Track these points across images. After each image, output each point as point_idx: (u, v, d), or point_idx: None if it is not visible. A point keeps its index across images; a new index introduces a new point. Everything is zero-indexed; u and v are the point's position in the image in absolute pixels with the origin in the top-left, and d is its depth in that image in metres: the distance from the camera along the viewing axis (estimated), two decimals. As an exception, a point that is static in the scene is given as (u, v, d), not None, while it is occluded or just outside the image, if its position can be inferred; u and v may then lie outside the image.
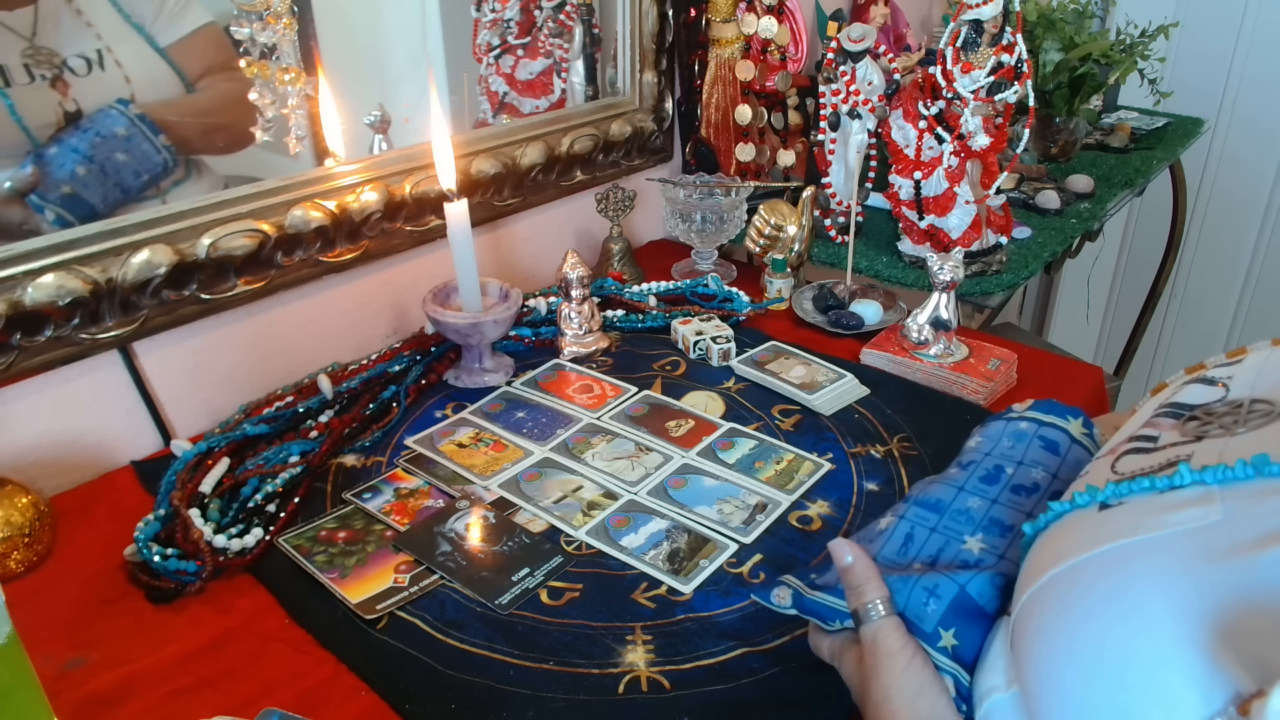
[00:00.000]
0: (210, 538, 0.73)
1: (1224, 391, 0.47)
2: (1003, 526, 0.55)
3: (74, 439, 0.86)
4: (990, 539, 0.54)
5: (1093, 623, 0.39)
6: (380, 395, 0.96)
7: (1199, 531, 0.38)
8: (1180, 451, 0.43)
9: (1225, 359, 0.51)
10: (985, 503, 0.56)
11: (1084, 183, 1.57)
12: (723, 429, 0.91)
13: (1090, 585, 0.40)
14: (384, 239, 1.04)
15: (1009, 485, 0.57)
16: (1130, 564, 0.39)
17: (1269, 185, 2.37)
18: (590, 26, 1.25)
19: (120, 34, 0.81)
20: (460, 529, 0.78)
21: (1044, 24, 1.65)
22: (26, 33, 0.75)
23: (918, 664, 0.51)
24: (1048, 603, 0.42)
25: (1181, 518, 0.39)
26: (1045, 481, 0.57)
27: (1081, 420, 0.60)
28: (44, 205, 0.78)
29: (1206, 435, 0.44)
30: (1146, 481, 0.41)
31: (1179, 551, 0.38)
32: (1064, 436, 0.59)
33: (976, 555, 0.53)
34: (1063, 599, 0.42)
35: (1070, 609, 0.41)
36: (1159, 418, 0.48)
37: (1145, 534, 0.39)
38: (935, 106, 1.16)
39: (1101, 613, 0.39)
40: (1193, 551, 0.37)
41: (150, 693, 0.63)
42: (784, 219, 1.19)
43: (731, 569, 0.73)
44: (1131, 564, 0.39)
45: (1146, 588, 0.38)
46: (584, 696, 0.62)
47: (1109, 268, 2.68)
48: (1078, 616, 0.40)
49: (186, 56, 0.85)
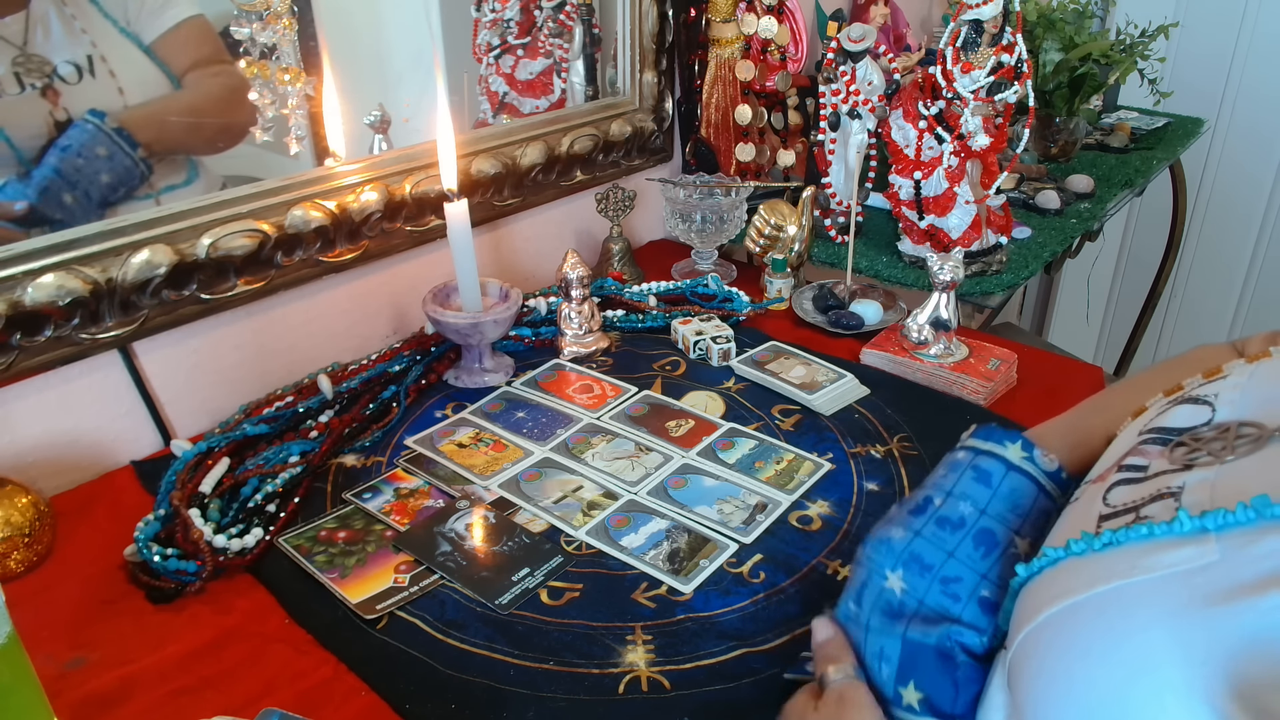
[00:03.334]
0: (210, 538, 0.73)
1: (1211, 413, 0.47)
2: (921, 564, 0.53)
3: (74, 439, 0.86)
4: (910, 577, 0.53)
5: (1092, 665, 0.39)
6: (380, 395, 0.96)
7: (1196, 573, 0.38)
8: (1170, 482, 0.43)
9: (1202, 378, 0.51)
10: (908, 535, 0.54)
11: (1084, 183, 1.57)
12: (723, 429, 0.91)
13: (1088, 626, 0.40)
14: (384, 239, 1.04)
15: (934, 518, 0.55)
16: (1128, 606, 0.39)
17: (1269, 185, 2.37)
18: (590, 26, 1.25)
19: (109, 37, 0.79)
20: (460, 529, 0.78)
21: (1044, 24, 1.65)
22: (18, 40, 0.74)
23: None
24: (1046, 643, 0.42)
25: (1177, 558, 0.38)
26: (971, 516, 0.54)
27: (1020, 444, 0.56)
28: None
29: (1195, 463, 0.44)
30: (1144, 529, 0.40)
31: (1177, 594, 0.38)
32: (999, 465, 0.56)
33: (899, 596, 0.53)
34: (1061, 640, 0.41)
35: (1069, 650, 0.41)
36: (1146, 444, 0.48)
37: (1141, 575, 0.39)
38: (935, 106, 1.16)
39: (1100, 656, 0.39)
40: (1190, 594, 0.37)
41: (150, 693, 0.63)
42: (784, 219, 1.19)
43: (731, 569, 0.73)
44: (1129, 606, 0.39)
45: (1145, 632, 0.37)
46: (584, 696, 0.62)
47: (1109, 268, 2.68)
48: (1076, 658, 0.40)
49: (171, 51, 0.83)
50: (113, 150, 0.80)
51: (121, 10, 0.80)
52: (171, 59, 0.83)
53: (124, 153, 0.81)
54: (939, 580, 0.52)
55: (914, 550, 0.54)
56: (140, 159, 0.82)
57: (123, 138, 0.81)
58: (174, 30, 0.83)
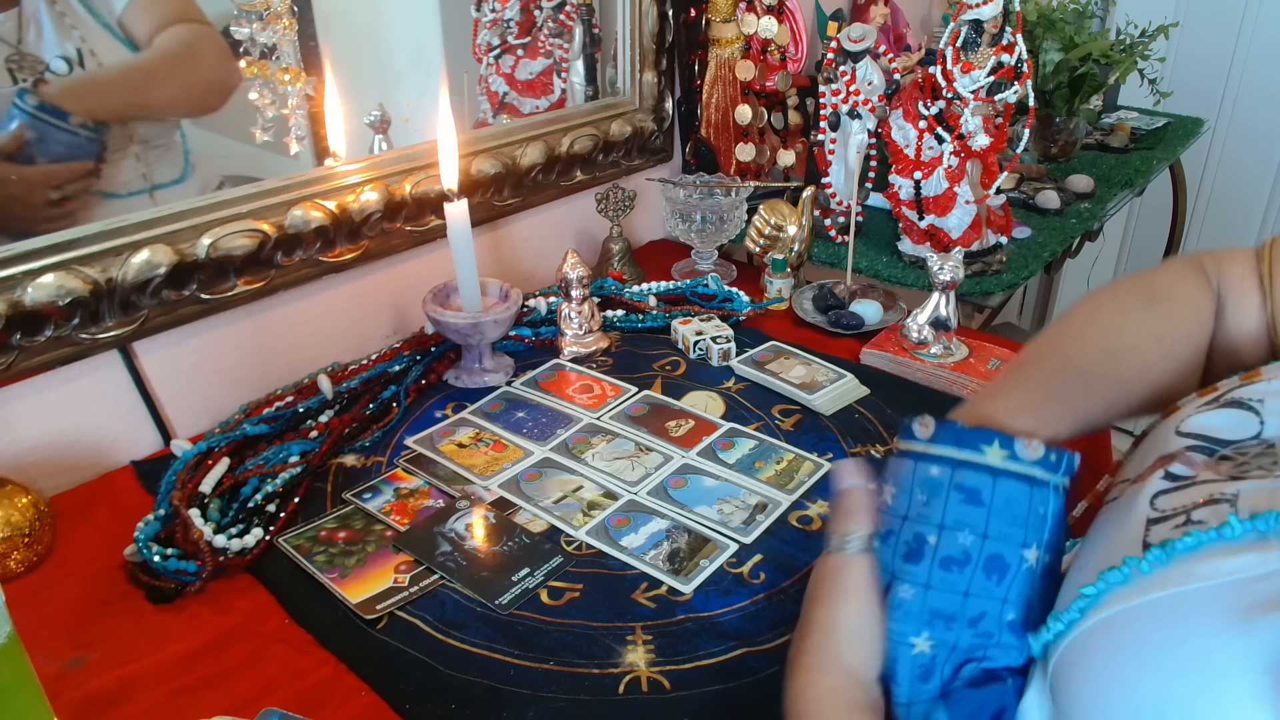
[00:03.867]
0: (210, 538, 0.73)
1: (1259, 424, 0.45)
2: (944, 618, 0.48)
3: (74, 439, 0.86)
4: (936, 634, 0.49)
5: (1149, 674, 0.38)
6: (380, 395, 0.96)
7: (1257, 580, 0.37)
8: (1223, 489, 0.42)
9: (1239, 380, 0.49)
10: (918, 590, 0.49)
11: (1084, 183, 1.57)
12: (723, 429, 0.91)
13: (1144, 635, 0.39)
14: (384, 239, 1.04)
15: (937, 561, 0.49)
16: (1186, 614, 0.38)
17: (1269, 185, 2.37)
18: (590, 26, 1.25)
19: (96, 29, 0.78)
20: (460, 529, 0.78)
21: (1044, 24, 1.65)
22: (12, 38, 0.74)
23: (871, 611, 0.50)
24: (1096, 650, 0.41)
25: (1236, 565, 0.38)
26: (975, 546, 0.48)
27: (997, 443, 0.49)
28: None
29: (1246, 476, 0.42)
30: (1192, 539, 0.39)
31: (1237, 601, 0.37)
32: (984, 478, 0.49)
33: (929, 655, 0.49)
34: (1114, 648, 0.40)
35: (1123, 658, 0.39)
36: (1191, 452, 0.46)
37: (1199, 582, 0.38)
38: (935, 106, 1.16)
39: (1159, 665, 0.37)
40: (1251, 600, 0.36)
41: (150, 693, 0.63)
42: (784, 219, 1.19)
43: (731, 569, 0.73)
44: (1187, 614, 0.38)
45: (1206, 640, 0.36)
46: (584, 696, 0.62)
47: (1109, 268, 2.68)
48: (1131, 667, 0.39)
49: (134, 20, 0.80)
50: (42, 130, 0.78)
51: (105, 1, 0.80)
52: (134, 28, 0.81)
53: (54, 126, 0.79)
54: (967, 624, 0.49)
55: (931, 606, 0.49)
56: (78, 127, 0.80)
57: (46, 112, 0.78)
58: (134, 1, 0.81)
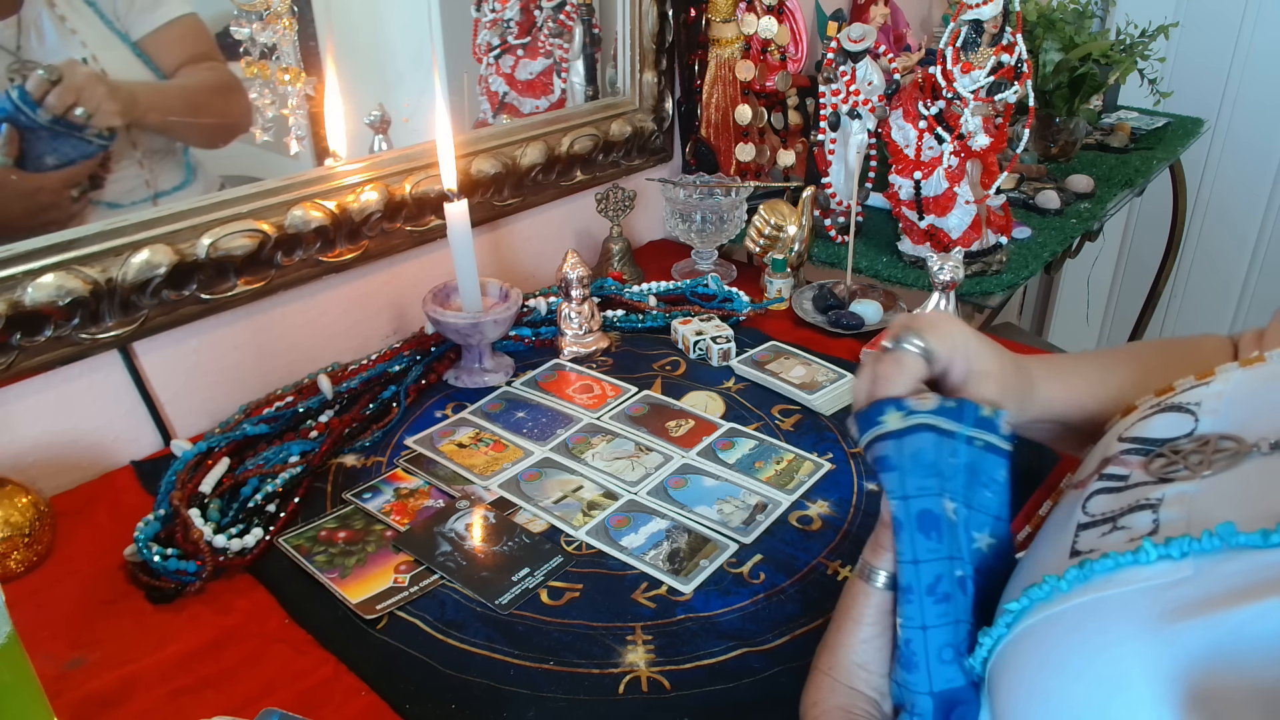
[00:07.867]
0: (210, 538, 0.73)
1: (1193, 423, 0.47)
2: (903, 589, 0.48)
3: (74, 439, 0.86)
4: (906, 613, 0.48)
5: (1067, 680, 0.39)
6: (380, 395, 0.96)
7: (1169, 587, 0.38)
8: (1150, 493, 0.44)
9: (1194, 380, 0.51)
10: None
11: (1084, 183, 1.57)
12: (723, 429, 0.91)
13: (1064, 640, 0.41)
14: (384, 239, 1.04)
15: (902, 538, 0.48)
16: (1102, 620, 0.39)
17: (1269, 185, 2.37)
18: (590, 26, 1.25)
19: (100, 38, 0.79)
20: (460, 529, 0.78)
21: (1044, 24, 1.65)
22: (11, 45, 0.73)
23: (877, 643, 0.50)
24: (1023, 655, 0.43)
25: (1151, 572, 0.39)
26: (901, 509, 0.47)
27: (892, 407, 0.48)
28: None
29: (1174, 477, 0.44)
30: (1110, 561, 0.41)
31: (1150, 608, 0.38)
32: (890, 442, 0.48)
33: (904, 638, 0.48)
34: (1038, 653, 0.42)
35: (1045, 663, 0.41)
36: (1127, 454, 0.48)
37: (1115, 589, 0.40)
38: (935, 106, 1.16)
39: (1075, 669, 0.39)
40: (1163, 608, 0.38)
41: (150, 693, 0.63)
42: (784, 219, 1.19)
43: (731, 569, 0.73)
44: (1103, 620, 0.39)
45: (1119, 647, 0.38)
46: (584, 696, 0.62)
47: (1109, 268, 2.68)
48: (1051, 671, 0.40)
49: (160, 49, 0.82)
50: (56, 135, 0.78)
51: (111, 8, 0.80)
52: (161, 57, 0.82)
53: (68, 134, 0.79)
54: (926, 594, 0.48)
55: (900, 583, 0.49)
56: (93, 137, 0.80)
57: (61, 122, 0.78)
58: (165, 28, 0.82)
